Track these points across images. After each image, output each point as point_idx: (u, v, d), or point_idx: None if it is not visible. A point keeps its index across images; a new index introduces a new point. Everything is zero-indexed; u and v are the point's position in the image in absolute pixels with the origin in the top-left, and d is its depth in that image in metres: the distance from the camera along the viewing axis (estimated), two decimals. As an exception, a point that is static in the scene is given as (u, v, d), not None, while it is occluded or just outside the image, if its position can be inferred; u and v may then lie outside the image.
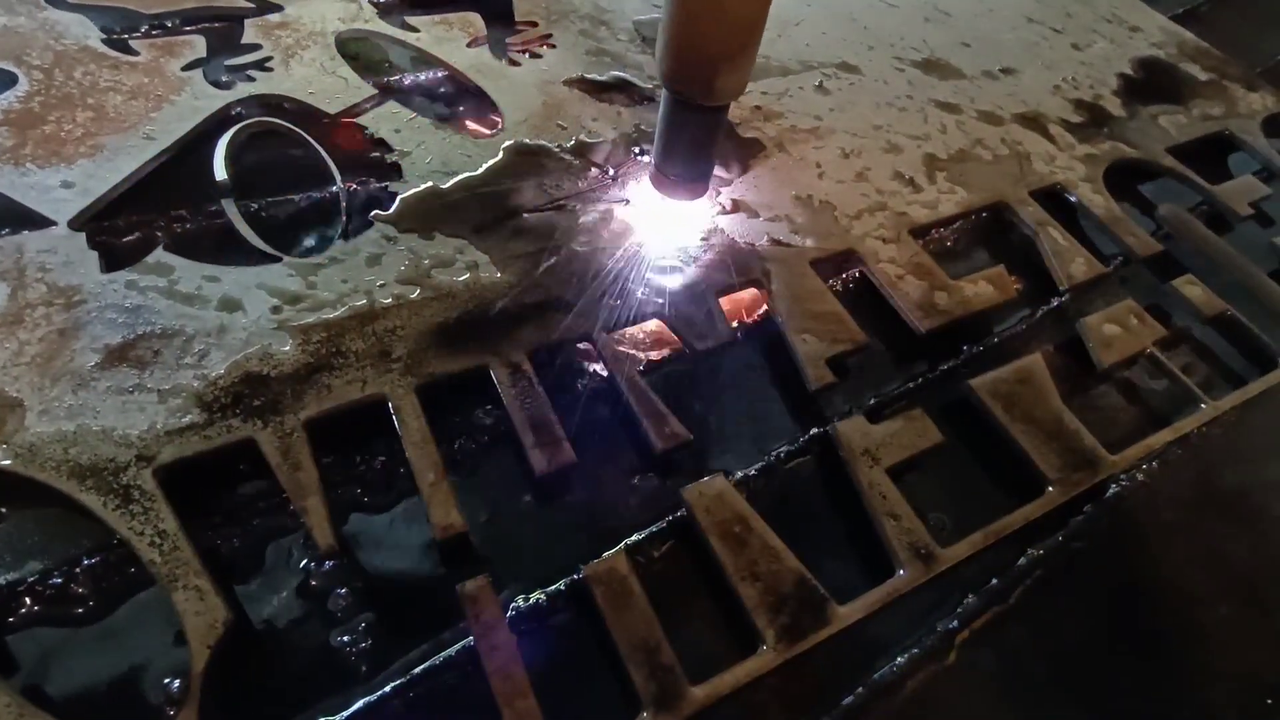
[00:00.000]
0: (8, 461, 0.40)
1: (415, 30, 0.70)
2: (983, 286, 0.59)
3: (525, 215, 0.57)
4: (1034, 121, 0.75)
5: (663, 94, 0.49)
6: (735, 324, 0.54)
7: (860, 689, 0.42)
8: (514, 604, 0.41)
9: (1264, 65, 0.94)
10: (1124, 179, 0.74)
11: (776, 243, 0.59)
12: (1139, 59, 0.88)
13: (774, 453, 0.50)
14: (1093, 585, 0.48)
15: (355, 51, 0.68)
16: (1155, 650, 0.46)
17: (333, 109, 0.62)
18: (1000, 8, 0.91)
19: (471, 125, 0.65)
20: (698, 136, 0.51)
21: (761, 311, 0.57)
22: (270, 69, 0.64)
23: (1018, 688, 0.44)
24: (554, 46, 0.72)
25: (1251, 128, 0.82)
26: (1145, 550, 0.50)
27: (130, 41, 0.64)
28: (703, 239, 0.58)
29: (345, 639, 0.40)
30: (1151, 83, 0.85)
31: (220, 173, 0.57)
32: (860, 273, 0.60)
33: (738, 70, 0.46)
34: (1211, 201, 0.73)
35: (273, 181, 0.57)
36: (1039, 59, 0.84)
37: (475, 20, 0.72)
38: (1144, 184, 0.76)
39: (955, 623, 0.45)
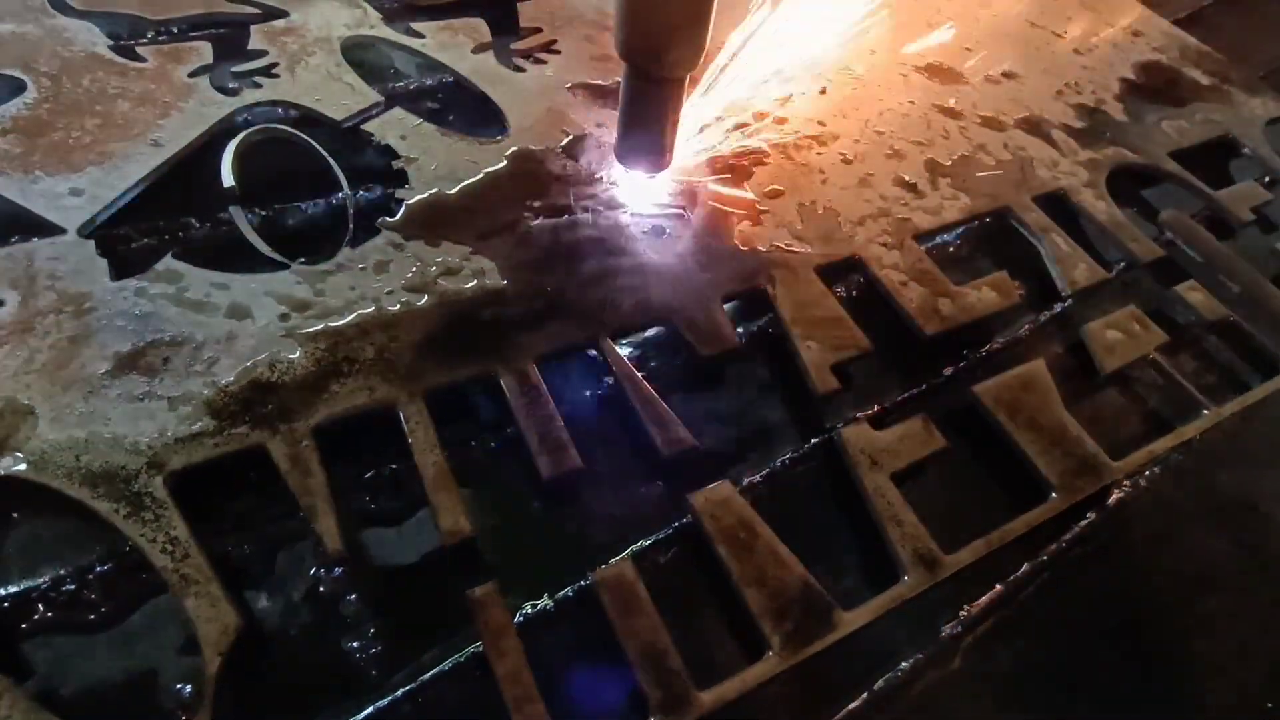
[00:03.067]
0: (20, 468, 0.41)
1: (420, 36, 0.71)
2: (986, 292, 0.60)
3: (530, 222, 0.57)
4: (1036, 126, 0.76)
5: (623, 68, 0.51)
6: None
7: (865, 694, 0.42)
8: (522, 610, 0.42)
9: (1267, 69, 0.94)
10: (1126, 184, 0.74)
11: (780, 249, 0.59)
12: (1141, 63, 0.88)
13: (779, 459, 0.50)
14: (1096, 590, 0.48)
15: (360, 58, 0.69)
16: (1158, 655, 0.47)
17: (339, 115, 0.62)
18: (1003, 12, 0.91)
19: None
20: (656, 109, 0.52)
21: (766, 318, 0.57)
22: (277, 75, 0.64)
23: (1022, 692, 0.44)
24: (558, 52, 0.72)
25: (1254, 132, 0.82)
26: (1148, 555, 0.50)
27: (137, 48, 0.64)
28: (707, 245, 0.58)
29: (355, 644, 0.41)
30: (1153, 87, 0.85)
31: (228, 179, 0.57)
32: (864, 279, 0.60)
33: (691, 43, 0.47)
34: (1213, 207, 0.73)
35: (280, 188, 0.57)
36: (1041, 63, 0.84)
37: (480, 26, 0.73)
38: (1146, 189, 0.76)
39: (959, 628, 0.45)
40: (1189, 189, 0.74)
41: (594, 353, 0.52)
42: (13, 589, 0.39)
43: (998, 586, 0.47)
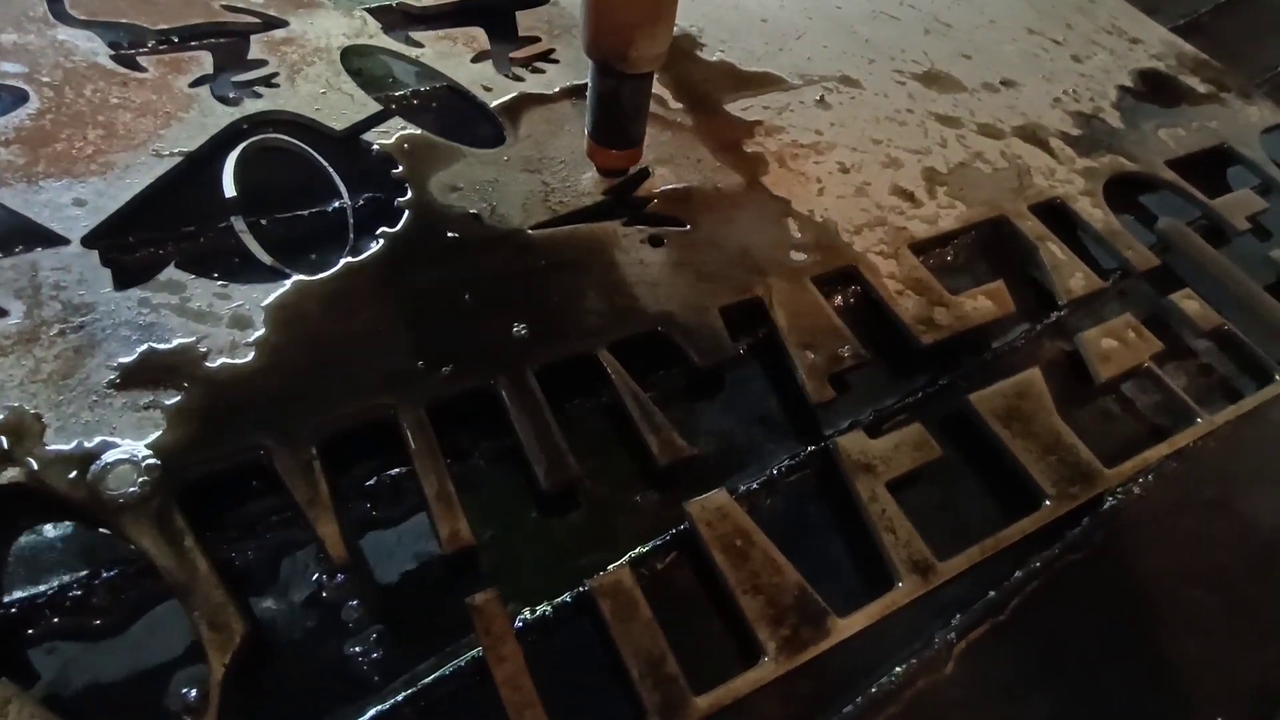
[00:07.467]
0: (26, 477, 0.41)
1: (419, 45, 0.71)
2: (982, 301, 0.60)
3: (528, 231, 0.58)
4: (1034, 134, 0.76)
5: (589, 64, 0.52)
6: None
7: (859, 699, 0.43)
8: (521, 616, 0.42)
9: (1263, 77, 0.94)
10: (1123, 192, 0.75)
11: (777, 258, 0.60)
12: (1139, 71, 0.89)
13: (775, 467, 0.51)
14: (1088, 597, 0.49)
15: (359, 67, 0.69)
16: (1150, 662, 0.47)
17: (339, 125, 0.63)
18: (1001, 19, 0.92)
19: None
20: (623, 104, 0.53)
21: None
22: (276, 85, 0.65)
23: (1014, 698, 0.45)
24: (557, 61, 0.73)
25: (1250, 140, 0.83)
26: (1140, 563, 0.51)
27: (138, 57, 0.65)
28: (704, 255, 0.59)
29: (357, 649, 0.41)
30: (1151, 95, 0.86)
31: (229, 189, 0.58)
32: (861, 288, 0.61)
33: (653, 39, 0.49)
34: (1210, 215, 0.74)
35: (281, 198, 0.58)
36: (1039, 71, 0.85)
37: (479, 35, 0.73)
38: (1143, 197, 0.77)
39: (952, 634, 0.46)
40: (1185, 197, 0.75)
41: (592, 362, 0.52)
42: (20, 595, 0.40)
43: (991, 593, 0.47)
